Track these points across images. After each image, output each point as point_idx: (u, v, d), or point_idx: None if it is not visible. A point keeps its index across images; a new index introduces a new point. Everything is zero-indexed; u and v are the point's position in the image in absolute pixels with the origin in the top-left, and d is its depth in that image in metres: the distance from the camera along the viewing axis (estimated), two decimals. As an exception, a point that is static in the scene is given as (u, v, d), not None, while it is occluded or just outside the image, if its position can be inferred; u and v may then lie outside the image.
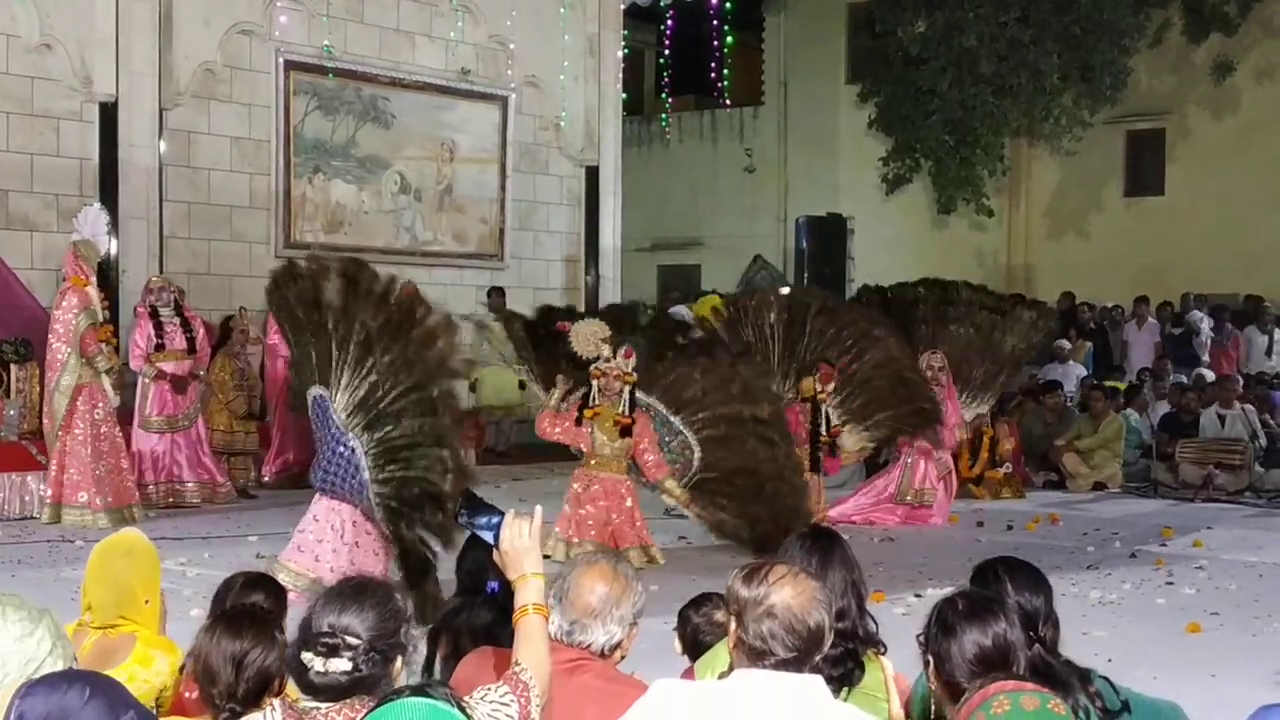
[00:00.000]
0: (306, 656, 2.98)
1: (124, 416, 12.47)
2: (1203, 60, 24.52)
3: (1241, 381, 17.53)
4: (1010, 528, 12.91)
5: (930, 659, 3.35)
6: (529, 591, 3.40)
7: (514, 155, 18.95)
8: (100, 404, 11.78)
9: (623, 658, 3.64)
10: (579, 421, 10.45)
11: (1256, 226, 23.86)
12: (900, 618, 8.44)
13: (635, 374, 10.43)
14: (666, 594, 6.71)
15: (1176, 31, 24.11)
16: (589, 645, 3.57)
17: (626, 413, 10.37)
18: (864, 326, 12.67)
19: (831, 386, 11.93)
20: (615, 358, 10.37)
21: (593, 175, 19.88)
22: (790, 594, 3.15)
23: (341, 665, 2.98)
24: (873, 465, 14.33)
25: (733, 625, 3.21)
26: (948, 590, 4.02)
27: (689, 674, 4.06)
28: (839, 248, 22.32)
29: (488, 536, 3.52)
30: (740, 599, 3.18)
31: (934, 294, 14.18)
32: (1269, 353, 20.61)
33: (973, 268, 23.21)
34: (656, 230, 26.43)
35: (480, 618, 4.53)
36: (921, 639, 3.46)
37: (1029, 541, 12.11)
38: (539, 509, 3.52)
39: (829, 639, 3.22)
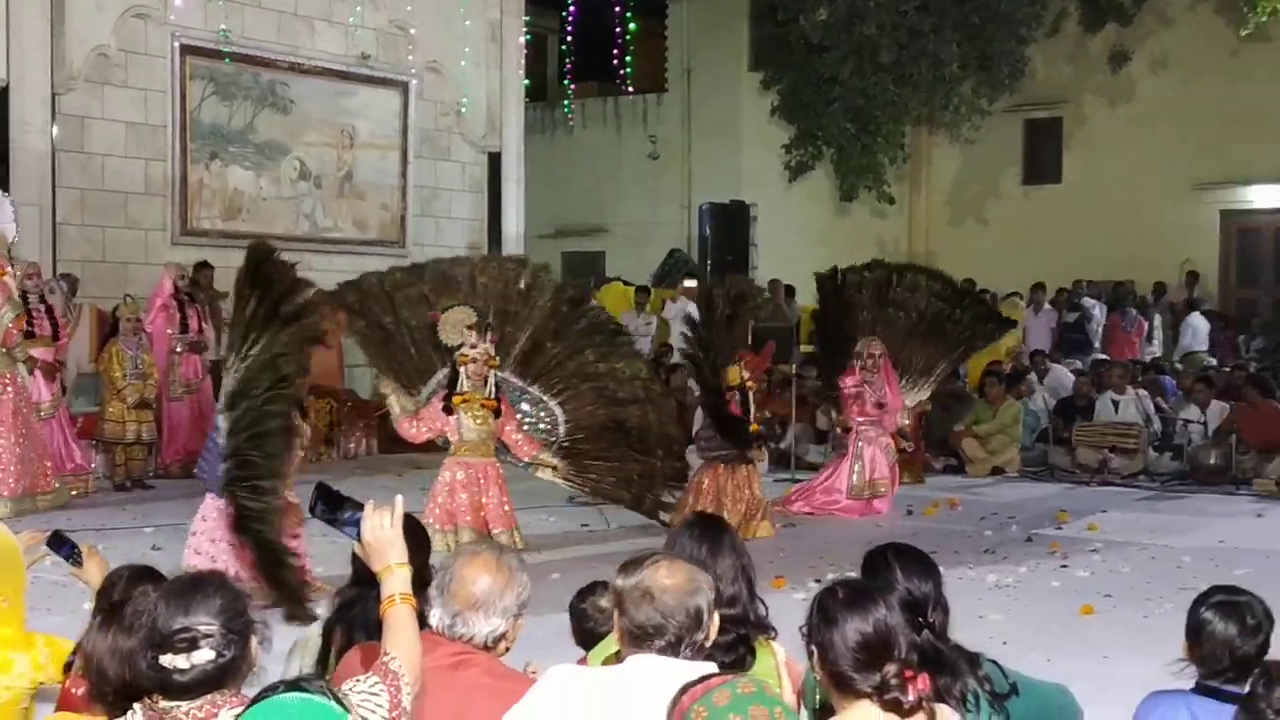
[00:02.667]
0: (166, 659, 2.92)
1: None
2: (1099, 50, 24.89)
3: (1136, 366, 17.83)
4: (910, 513, 13.04)
5: (814, 649, 3.36)
6: (394, 582, 3.36)
7: (415, 141, 18.82)
8: (17, 392, 11.74)
9: (507, 649, 3.62)
10: (449, 410, 10.44)
11: (1151, 214, 24.26)
12: (800, 603, 8.46)
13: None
14: (568, 584, 6.70)
15: (1073, 21, 24.43)
16: (471, 638, 3.54)
17: (493, 395, 10.49)
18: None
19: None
20: (480, 343, 10.47)
21: (495, 161, 19.79)
22: (665, 579, 3.21)
23: (206, 655, 2.92)
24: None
25: (616, 615, 3.27)
26: (846, 576, 4.05)
27: (583, 663, 4.06)
28: (742, 235, 22.36)
29: (350, 532, 3.48)
30: (619, 588, 3.26)
31: (878, 277, 13.99)
32: (1149, 338, 21.02)
33: (875, 255, 23.35)
34: (560, 217, 26.35)
35: (375, 610, 4.49)
36: (805, 630, 3.47)
37: (928, 526, 12.24)
38: (399, 498, 3.48)
39: (708, 621, 3.24)
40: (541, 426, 11.01)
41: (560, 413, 11.01)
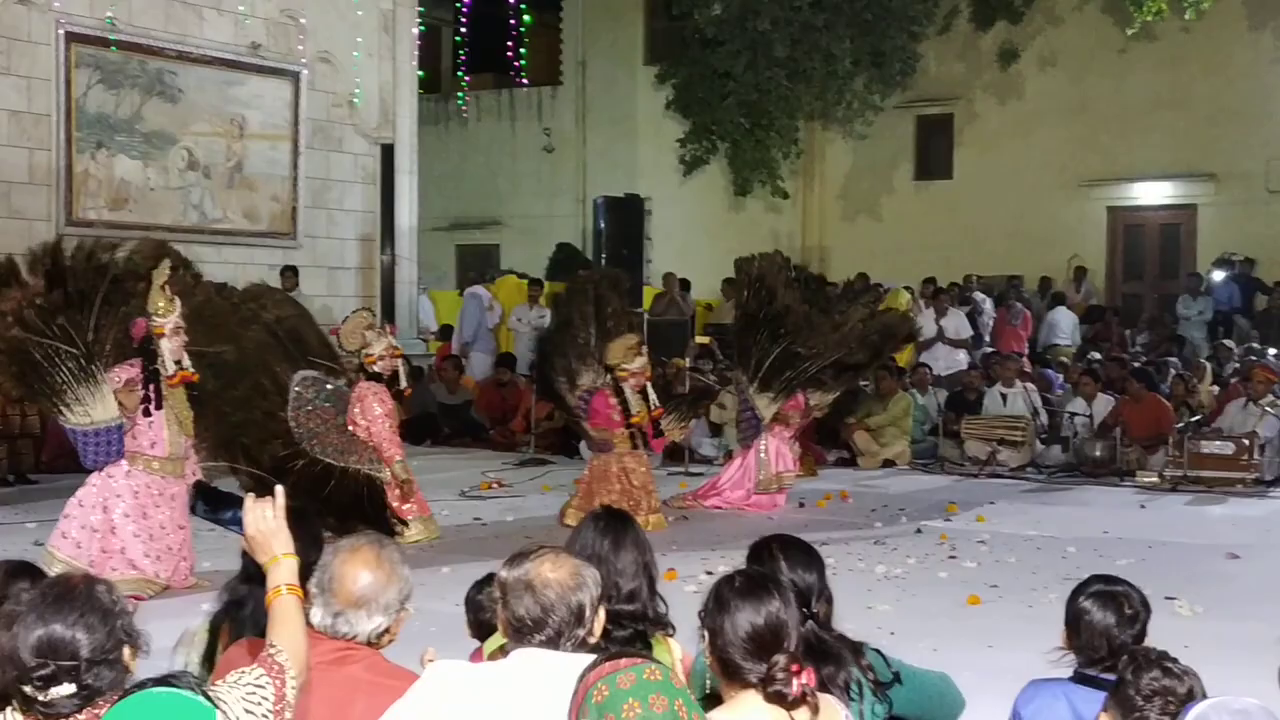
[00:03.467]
0: (28, 689, 2.80)
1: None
2: (989, 47, 25.20)
3: (1024, 359, 18.08)
4: (802, 505, 13.10)
5: (705, 634, 3.38)
6: (280, 573, 3.31)
7: (306, 132, 18.62)
8: None
9: (391, 641, 3.59)
10: (398, 399, 10.81)
11: (1039, 210, 24.62)
12: (692, 596, 8.51)
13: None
14: (460, 577, 6.68)
15: (964, 19, 24.72)
16: (355, 636, 3.51)
17: (405, 387, 10.99)
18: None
19: (638, 363, 11.78)
20: (381, 342, 10.70)
21: (388, 153, 19.62)
22: (550, 569, 3.21)
23: (65, 690, 2.80)
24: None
25: (500, 609, 3.26)
26: (735, 569, 4.07)
27: (477, 655, 4.04)
28: (636, 228, 22.40)
29: (235, 529, 3.45)
30: (503, 581, 3.25)
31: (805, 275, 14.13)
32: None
33: (769, 249, 23.45)
34: (454, 209, 26.26)
35: (265, 607, 4.43)
36: (701, 614, 3.49)
37: (820, 518, 12.31)
38: (279, 488, 3.43)
39: (591, 617, 3.24)
40: None
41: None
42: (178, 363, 8.74)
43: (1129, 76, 24.02)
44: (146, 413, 8.67)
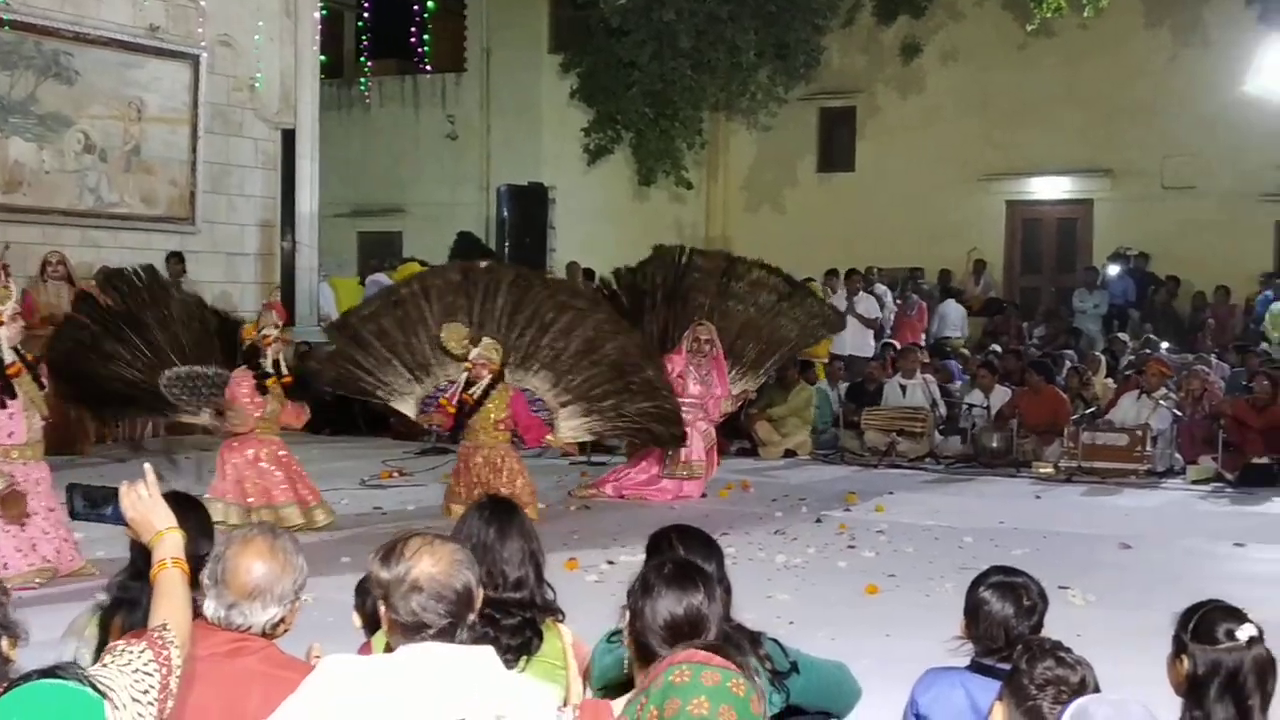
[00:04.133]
0: None
1: None
2: (891, 41, 25.41)
3: (924, 351, 18.26)
4: (704, 495, 13.13)
5: (627, 614, 3.40)
6: (165, 546, 3.25)
7: (206, 116, 18.33)
8: None
9: (286, 631, 3.54)
10: (262, 390, 10.61)
11: (939, 202, 24.88)
12: (593, 585, 8.54)
13: None
14: (357, 567, 6.62)
15: (867, 13, 24.88)
16: (249, 628, 3.46)
17: (286, 372, 10.91)
18: (562, 300, 12.57)
19: (476, 353, 11.62)
20: (270, 321, 10.86)
21: (289, 139, 19.38)
22: (430, 563, 3.16)
23: None
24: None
25: (382, 608, 3.20)
26: (639, 558, 4.09)
27: (366, 648, 4.00)
28: (540, 217, 22.40)
29: (115, 523, 3.39)
30: (383, 581, 3.18)
31: (719, 265, 13.95)
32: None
33: (673, 239, 23.52)
34: (357, 196, 26.01)
35: None
36: (629, 593, 3.52)
37: (721, 508, 12.38)
38: (148, 466, 3.39)
39: (478, 596, 3.22)
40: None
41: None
42: (15, 349, 8.65)
43: (1029, 72, 24.31)
44: (2, 404, 8.54)
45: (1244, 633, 3.41)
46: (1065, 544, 10.77)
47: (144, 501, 3.31)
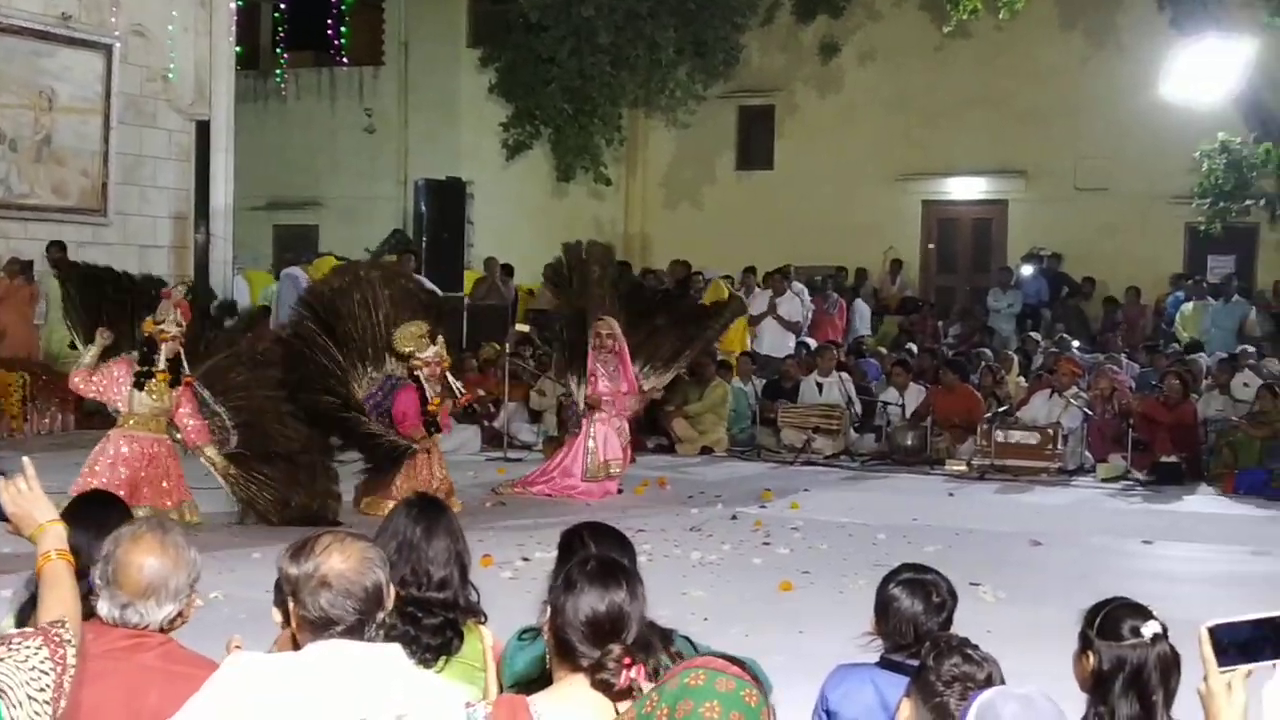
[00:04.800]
0: None
1: None
2: (810, 40, 25.55)
3: (840, 349, 18.37)
4: (620, 491, 13.14)
5: (548, 609, 3.39)
6: (48, 539, 3.21)
7: (119, 106, 18.08)
8: None
9: (182, 625, 3.49)
10: (140, 385, 10.35)
11: (857, 201, 25.04)
12: (508, 582, 8.52)
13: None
14: (269, 562, 6.56)
15: (786, 11, 24.98)
16: (146, 626, 3.40)
17: (187, 372, 10.55)
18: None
19: (431, 352, 11.62)
20: (170, 318, 10.45)
21: (204, 130, 19.16)
22: (340, 560, 3.14)
23: None
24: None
25: (291, 605, 3.17)
26: (554, 554, 4.08)
27: (283, 641, 3.96)
28: (458, 212, 22.27)
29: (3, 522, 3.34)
30: (292, 578, 3.16)
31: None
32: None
33: (591, 235, 23.51)
34: (272, 189, 25.72)
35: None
36: (550, 588, 3.50)
37: (637, 504, 12.40)
38: (25, 459, 3.33)
39: (389, 595, 3.20)
40: (215, 432, 10.95)
41: (234, 433, 10.99)
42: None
43: (945, 73, 24.52)
44: None
45: (1149, 630, 3.45)
46: (977, 541, 10.89)
47: (23, 496, 3.26)
